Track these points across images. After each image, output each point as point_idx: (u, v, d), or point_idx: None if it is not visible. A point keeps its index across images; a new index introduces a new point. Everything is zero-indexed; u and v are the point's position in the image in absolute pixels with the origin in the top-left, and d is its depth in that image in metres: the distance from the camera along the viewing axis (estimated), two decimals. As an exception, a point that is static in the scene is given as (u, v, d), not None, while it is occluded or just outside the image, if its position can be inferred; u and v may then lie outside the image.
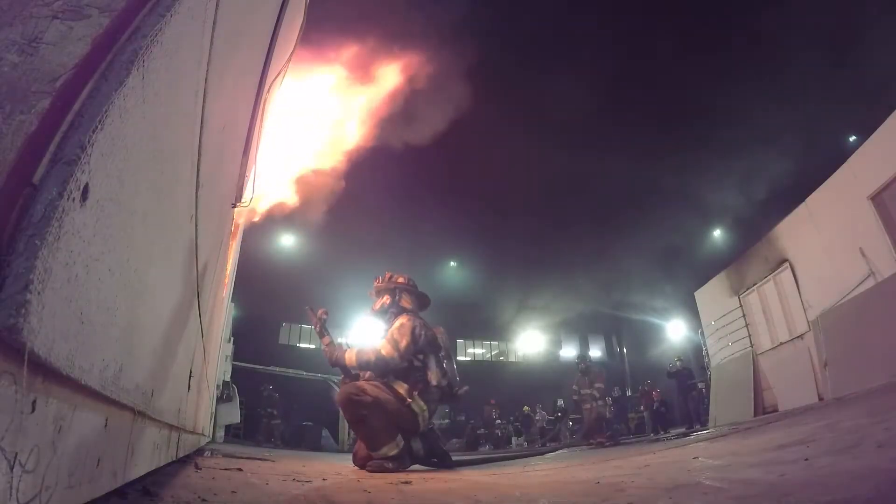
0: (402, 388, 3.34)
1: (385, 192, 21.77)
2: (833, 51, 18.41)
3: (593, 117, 22.25)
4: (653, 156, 21.52)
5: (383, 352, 3.37)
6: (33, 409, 0.49)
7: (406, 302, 3.80)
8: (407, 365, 3.43)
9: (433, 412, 3.53)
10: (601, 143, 22.48)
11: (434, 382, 3.50)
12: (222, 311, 4.02)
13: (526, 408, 16.72)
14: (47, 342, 0.47)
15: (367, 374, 3.48)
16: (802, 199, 7.90)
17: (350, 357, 3.43)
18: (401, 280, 3.91)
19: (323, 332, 3.69)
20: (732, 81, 21.04)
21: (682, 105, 21.41)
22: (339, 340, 3.84)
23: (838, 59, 18.31)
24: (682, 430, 10.01)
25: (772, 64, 20.59)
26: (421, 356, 3.51)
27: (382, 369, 3.38)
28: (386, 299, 3.82)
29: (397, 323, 3.54)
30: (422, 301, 3.94)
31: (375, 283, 3.96)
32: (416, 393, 3.36)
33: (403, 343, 3.40)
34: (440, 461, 3.49)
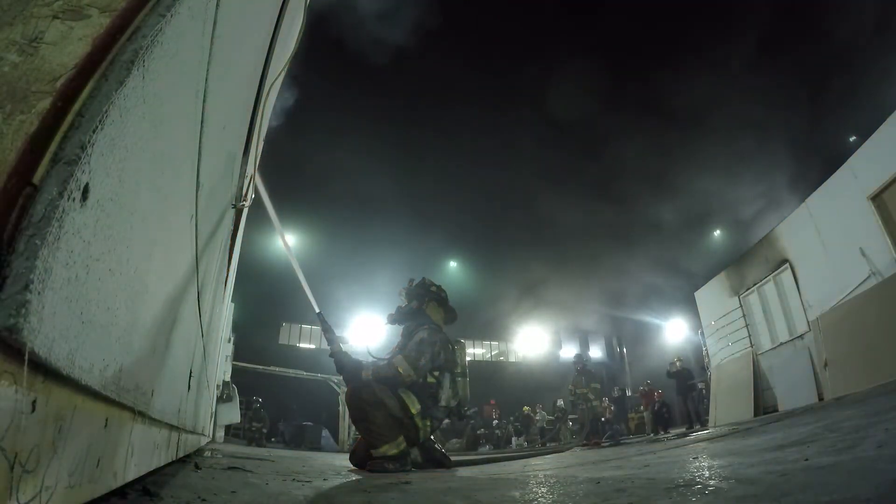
0: (409, 398, 3.34)
1: (386, 192, 21.78)
2: (834, 50, 18.41)
3: (595, 116, 22.25)
4: (653, 156, 21.52)
5: (400, 369, 3.37)
6: (33, 409, 0.49)
7: (432, 311, 3.78)
8: (421, 380, 3.43)
9: (436, 429, 3.52)
10: (601, 142, 22.46)
11: (443, 403, 3.50)
12: (222, 311, 4.02)
13: (526, 408, 16.72)
14: (47, 342, 0.47)
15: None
16: (802, 200, 7.90)
17: (367, 375, 3.42)
18: (433, 288, 3.89)
19: (332, 339, 3.66)
20: (733, 79, 21.06)
21: (681, 104, 21.43)
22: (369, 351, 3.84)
23: (839, 59, 18.31)
24: (682, 430, 10.00)
25: (772, 63, 20.59)
26: (436, 373, 3.50)
27: (399, 385, 3.39)
28: (414, 304, 3.80)
29: (417, 338, 3.51)
30: (449, 315, 3.90)
31: (408, 285, 3.94)
32: (422, 408, 3.36)
33: (422, 362, 3.40)
34: (439, 464, 3.50)
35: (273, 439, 14.26)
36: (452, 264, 25.25)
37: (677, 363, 12.14)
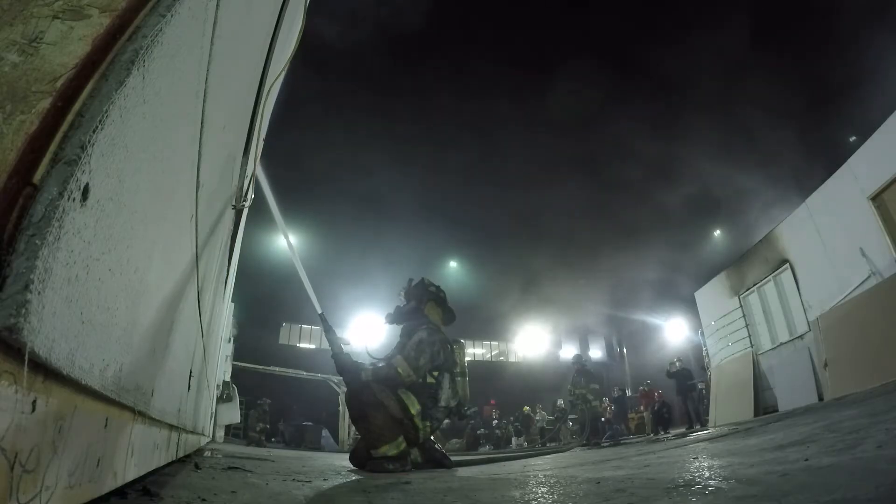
0: (409, 399, 3.34)
1: (387, 192, 21.78)
2: (834, 50, 18.41)
3: (596, 115, 22.26)
4: (653, 156, 21.52)
5: (399, 370, 3.38)
6: (33, 409, 0.49)
7: (431, 311, 3.78)
8: (420, 381, 3.43)
9: (436, 429, 3.53)
10: (602, 141, 22.46)
11: (443, 403, 3.50)
12: (222, 311, 4.02)
13: (526, 408, 16.72)
14: (48, 342, 0.47)
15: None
16: (802, 200, 7.91)
17: (367, 376, 3.42)
18: (432, 289, 3.90)
19: (334, 339, 3.66)
20: (734, 79, 21.06)
21: (681, 102, 21.44)
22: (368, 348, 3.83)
23: (839, 59, 18.31)
24: (682, 430, 10.00)
25: (772, 62, 20.59)
26: (436, 373, 3.51)
27: (399, 386, 3.39)
28: (412, 304, 3.81)
29: (416, 338, 3.51)
30: (447, 315, 3.91)
31: (408, 284, 3.95)
32: (421, 409, 3.36)
33: (421, 361, 3.41)
34: (439, 464, 3.50)
35: (273, 439, 14.26)
36: (452, 264, 25.25)
37: (677, 363, 12.13)
